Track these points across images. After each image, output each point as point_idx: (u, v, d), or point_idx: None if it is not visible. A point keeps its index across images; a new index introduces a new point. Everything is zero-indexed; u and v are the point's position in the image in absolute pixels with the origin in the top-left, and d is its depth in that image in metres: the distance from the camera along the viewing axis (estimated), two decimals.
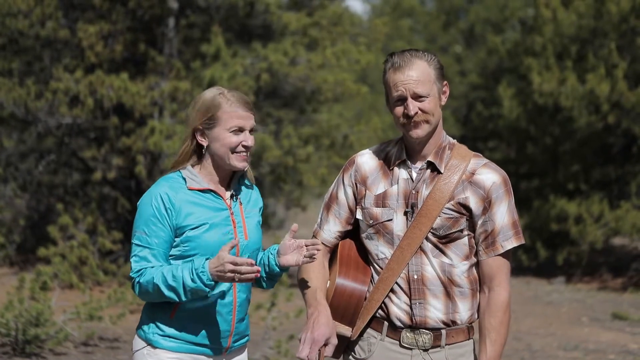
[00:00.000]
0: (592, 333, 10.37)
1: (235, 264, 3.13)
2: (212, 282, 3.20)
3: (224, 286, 3.35)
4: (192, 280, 3.19)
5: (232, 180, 3.48)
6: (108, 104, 11.16)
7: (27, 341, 7.85)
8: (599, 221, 14.25)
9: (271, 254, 3.44)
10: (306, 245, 3.33)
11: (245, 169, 3.44)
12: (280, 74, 11.80)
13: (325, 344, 3.25)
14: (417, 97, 3.25)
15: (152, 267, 3.28)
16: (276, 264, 3.40)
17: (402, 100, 3.26)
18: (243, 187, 3.52)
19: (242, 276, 3.15)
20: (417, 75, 3.24)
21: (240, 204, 3.47)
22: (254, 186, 3.58)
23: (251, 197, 3.54)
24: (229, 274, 3.15)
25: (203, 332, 3.36)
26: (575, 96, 14.20)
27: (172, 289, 3.22)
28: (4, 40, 12.16)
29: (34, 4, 11.53)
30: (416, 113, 3.24)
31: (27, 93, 11.26)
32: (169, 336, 3.34)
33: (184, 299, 3.24)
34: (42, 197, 13.14)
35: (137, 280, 3.29)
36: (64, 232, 11.09)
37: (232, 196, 3.46)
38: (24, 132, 12.67)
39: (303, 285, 3.39)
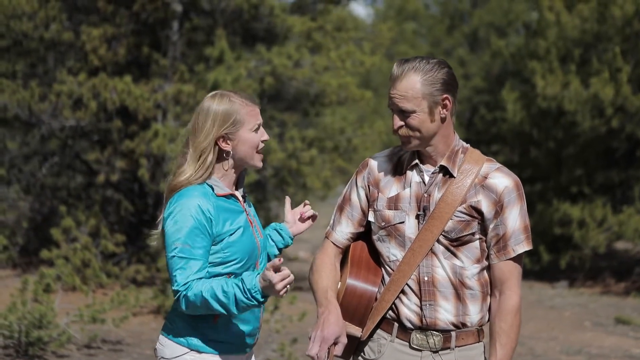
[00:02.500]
0: (594, 337, 10.37)
1: (287, 278, 3.17)
2: (265, 298, 3.23)
3: None
4: (248, 299, 3.19)
5: (238, 181, 3.50)
6: (111, 106, 11.16)
7: (30, 343, 7.85)
8: (602, 225, 14.24)
9: (279, 229, 3.70)
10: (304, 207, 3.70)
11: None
12: (284, 77, 11.80)
13: (335, 343, 3.27)
14: (402, 112, 3.28)
15: (199, 279, 3.25)
16: (290, 237, 3.72)
17: (393, 111, 3.32)
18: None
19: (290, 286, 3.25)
20: (403, 90, 3.25)
21: (246, 203, 3.54)
22: None
23: (245, 194, 3.59)
24: (282, 290, 3.19)
25: (242, 332, 3.42)
26: (578, 100, 14.19)
27: (222, 304, 3.21)
28: (8, 42, 12.17)
29: (38, 7, 11.55)
30: (399, 128, 3.29)
31: (31, 95, 11.26)
32: (213, 340, 3.36)
33: (234, 313, 3.24)
34: (45, 199, 13.14)
35: (183, 293, 3.25)
36: (67, 235, 11.09)
37: (243, 197, 3.50)
38: (28, 134, 12.68)
39: (314, 285, 3.42)
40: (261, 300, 3.19)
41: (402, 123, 3.29)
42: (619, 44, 14.26)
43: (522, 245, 3.34)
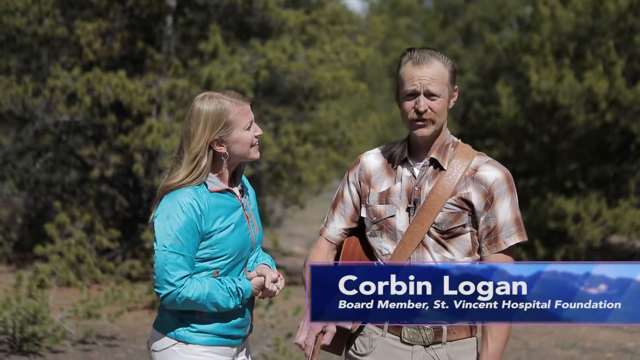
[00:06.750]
0: (589, 331, 10.38)
1: (276, 281, 3.46)
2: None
3: None
4: (240, 301, 3.41)
5: (235, 174, 3.51)
6: (106, 101, 11.14)
7: (25, 339, 7.84)
8: (597, 219, 14.25)
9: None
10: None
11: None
12: (278, 71, 11.79)
13: (323, 332, 3.28)
14: (429, 95, 3.28)
15: (189, 276, 3.32)
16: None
17: (414, 95, 3.29)
18: (242, 179, 3.57)
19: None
20: (433, 74, 3.28)
21: (245, 197, 3.55)
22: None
23: (247, 187, 3.59)
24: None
25: (230, 323, 3.45)
26: (573, 94, 14.20)
27: (216, 306, 3.36)
28: (1, 38, 12.13)
29: (32, 2, 11.51)
30: (426, 110, 3.28)
31: (25, 91, 11.23)
32: (200, 332, 3.40)
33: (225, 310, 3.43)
34: (39, 195, 13.12)
35: (178, 291, 3.30)
36: (62, 230, 11.07)
37: (240, 192, 3.51)
38: (22, 129, 12.64)
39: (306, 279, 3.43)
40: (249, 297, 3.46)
41: (428, 106, 3.30)
42: (613, 38, 14.27)
43: (513, 238, 3.34)
